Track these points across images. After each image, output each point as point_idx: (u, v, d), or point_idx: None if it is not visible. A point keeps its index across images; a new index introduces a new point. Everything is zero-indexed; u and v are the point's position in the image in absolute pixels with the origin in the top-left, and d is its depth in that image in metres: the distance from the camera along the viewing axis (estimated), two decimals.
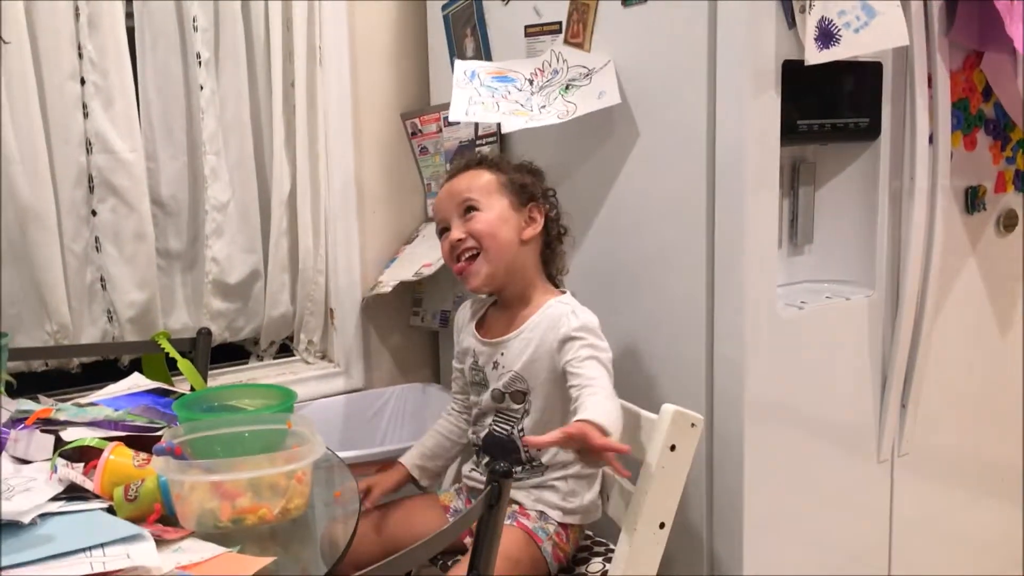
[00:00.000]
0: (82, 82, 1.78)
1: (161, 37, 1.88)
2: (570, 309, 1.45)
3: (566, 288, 1.57)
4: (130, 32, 1.82)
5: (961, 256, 1.80)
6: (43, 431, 1.28)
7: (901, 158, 1.65)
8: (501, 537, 1.11)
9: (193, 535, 1.08)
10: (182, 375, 1.69)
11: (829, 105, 1.58)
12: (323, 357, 2.16)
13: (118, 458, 1.18)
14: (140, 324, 1.88)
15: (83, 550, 0.97)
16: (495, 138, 1.91)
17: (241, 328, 2.06)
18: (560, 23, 1.72)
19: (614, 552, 1.37)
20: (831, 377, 1.63)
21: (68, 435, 1.27)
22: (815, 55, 1.46)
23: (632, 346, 1.66)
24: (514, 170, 1.55)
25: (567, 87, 1.67)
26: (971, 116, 1.74)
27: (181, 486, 1.09)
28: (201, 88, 1.89)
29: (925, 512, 1.82)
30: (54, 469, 1.18)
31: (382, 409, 2.14)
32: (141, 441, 1.27)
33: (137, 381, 1.61)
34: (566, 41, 1.71)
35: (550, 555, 1.44)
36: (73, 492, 1.13)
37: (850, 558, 1.73)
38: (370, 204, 2.14)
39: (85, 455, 1.22)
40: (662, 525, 1.33)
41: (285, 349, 2.16)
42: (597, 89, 1.63)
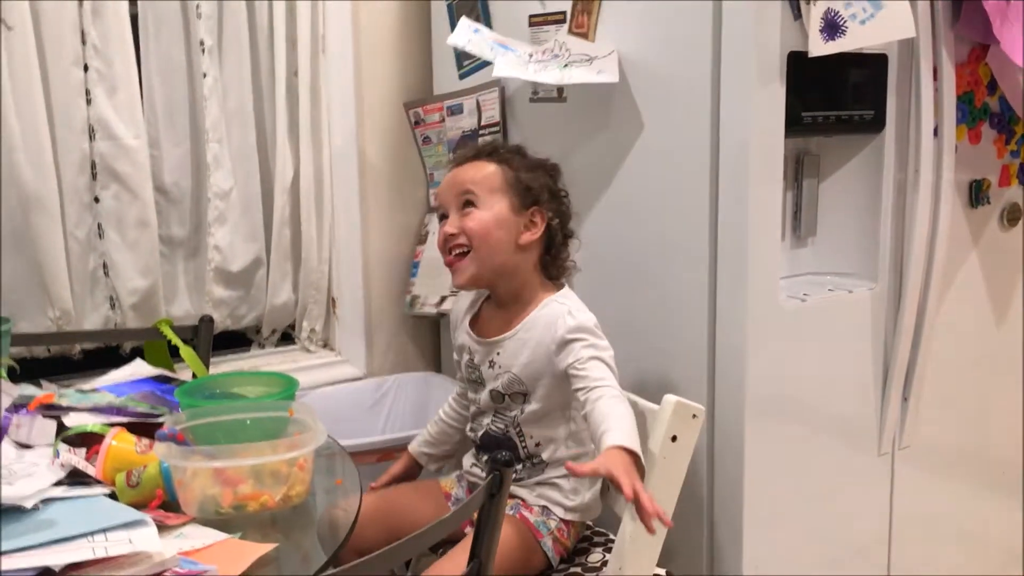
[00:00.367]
0: (85, 68, 1.77)
1: (164, 24, 1.87)
2: (567, 309, 1.41)
3: (565, 283, 1.52)
4: (133, 19, 1.81)
5: (964, 250, 1.80)
6: (45, 416, 1.28)
7: (905, 151, 1.65)
8: (502, 526, 1.11)
9: (195, 521, 1.09)
10: (184, 362, 1.69)
11: (834, 97, 1.58)
12: (325, 346, 2.16)
13: (120, 444, 1.18)
14: (142, 311, 1.88)
15: (85, 535, 0.97)
16: (498, 128, 1.91)
17: (243, 316, 2.06)
18: (564, 13, 1.71)
19: (614, 543, 1.38)
20: (833, 370, 1.63)
21: (70, 421, 1.27)
22: (820, 47, 1.45)
23: (634, 337, 1.66)
24: (526, 168, 1.47)
25: (566, 66, 1.66)
26: (976, 109, 1.74)
27: (183, 472, 1.10)
28: (204, 76, 1.89)
29: (925, 506, 1.82)
30: (56, 455, 1.18)
31: (384, 398, 2.14)
32: (143, 427, 1.27)
33: (139, 368, 1.61)
34: (570, 31, 1.71)
35: (551, 549, 1.44)
36: (75, 478, 1.13)
37: (850, 550, 1.73)
38: (373, 193, 2.14)
39: (87, 441, 1.22)
40: None
41: (287, 337, 2.16)
42: (597, 68, 1.62)
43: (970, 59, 1.70)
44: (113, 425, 1.25)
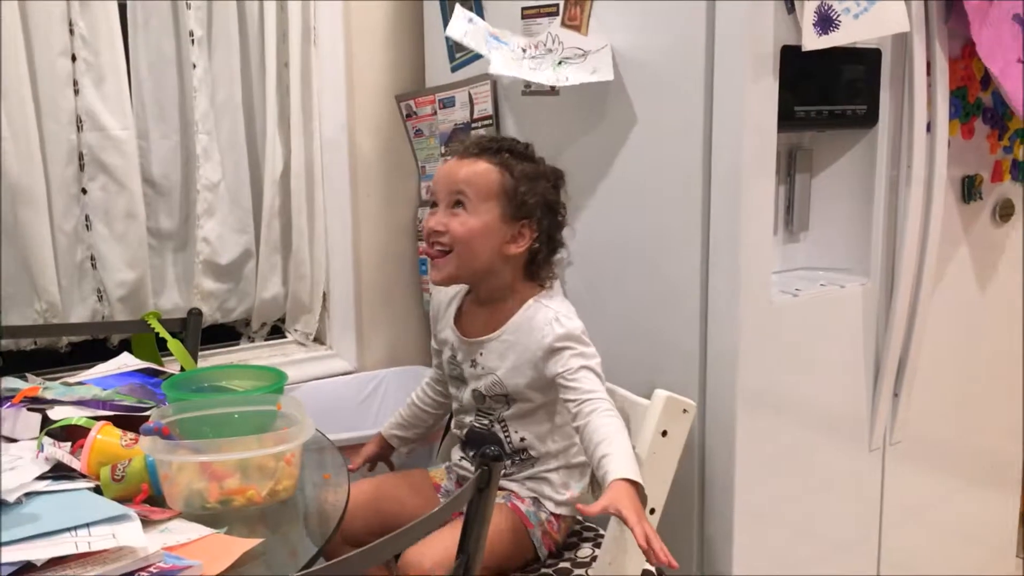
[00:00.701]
0: (73, 59, 1.75)
1: (153, 14, 1.85)
2: (553, 315, 1.40)
3: (548, 282, 1.48)
4: (122, 9, 1.80)
5: (957, 245, 1.80)
6: (30, 410, 1.27)
7: (898, 146, 1.65)
8: (491, 521, 1.10)
9: (180, 516, 1.08)
10: (172, 356, 1.68)
11: (827, 92, 1.57)
12: (315, 339, 2.15)
13: (105, 438, 1.17)
14: (130, 304, 1.86)
15: (68, 529, 0.96)
16: (491, 121, 1.90)
17: (232, 309, 2.05)
18: (557, 5, 1.70)
19: (603, 538, 1.37)
20: (824, 365, 1.63)
21: (55, 414, 1.26)
22: (813, 41, 1.45)
23: (625, 331, 1.65)
24: (527, 177, 1.41)
25: (560, 62, 1.65)
26: (969, 105, 1.74)
27: (169, 466, 1.09)
28: (194, 67, 1.87)
29: (916, 501, 1.82)
30: (41, 448, 1.17)
31: (374, 392, 2.13)
32: (129, 421, 1.26)
33: (126, 361, 1.60)
34: (563, 23, 1.70)
35: (539, 540, 1.44)
36: (60, 471, 1.13)
37: (840, 546, 1.73)
38: (364, 186, 2.12)
39: (72, 434, 1.21)
40: (652, 511, 1.32)
41: (277, 331, 2.15)
42: (591, 66, 1.61)
43: (963, 54, 1.70)
44: (99, 419, 1.24)
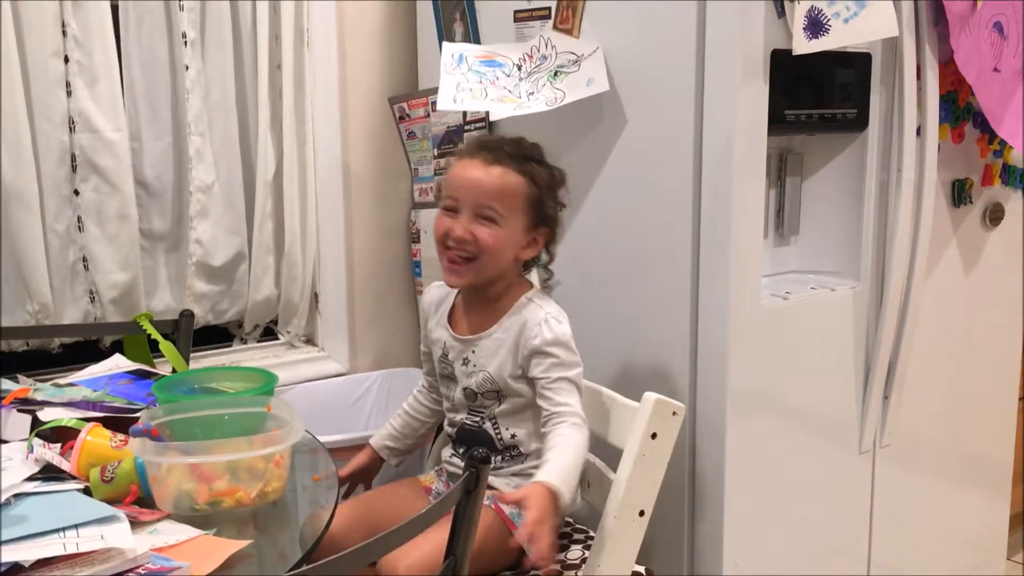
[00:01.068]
0: (66, 60, 1.75)
1: (146, 16, 1.86)
2: (544, 315, 1.41)
3: (545, 282, 1.52)
4: (115, 10, 1.80)
5: (946, 249, 1.80)
6: (20, 411, 1.27)
7: (889, 150, 1.65)
8: (479, 523, 1.10)
9: (169, 517, 1.08)
10: (164, 357, 1.68)
11: (817, 95, 1.57)
12: (307, 341, 2.15)
13: (95, 439, 1.17)
14: (122, 305, 1.86)
15: (57, 531, 0.96)
16: (484, 124, 1.90)
17: (225, 311, 2.05)
18: (549, 8, 1.71)
19: (593, 539, 1.37)
20: (814, 368, 1.64)
21: (45, 415, 1.26)
22: (804, 45, 1.45)
23: (616, 333, 1.66)
24: (548, 187, 1.44)
25: (555, 73, 1.66)
26: (959, 109, 1.74)
27: (158, 468, 1.09)
28: (187, 68, 1.87)
29: (906, 503, 1.83)
30: (31, 449, 1.17)
31: (366, 394, 2.13)
32: (119, 422, 1.26)
33: (118, 362, 1.60)
34: (555, 27, 1.70)
35: (527, 543, 1.43)
36: (49, 473, 1.13)
37: (830, 548, 1.73)
38: (356, 188, 2.13)
39: (62, 436, 1.21)
40: (642, 513, 1.33)
41: (269, 332, 2.15)
42: (586, 76, 1.62)
43: (953, 58, 1.70)
44: (89, 420, 1.24)
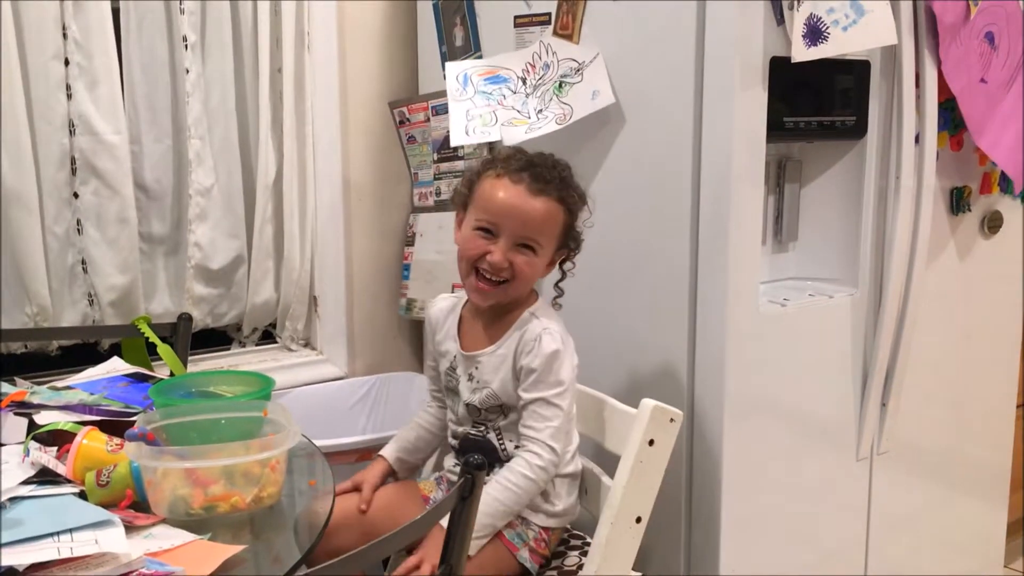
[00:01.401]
0: (66, 63, 1.75)
1: (147, 19, 1.86)
2: (542, 328, 1.40)
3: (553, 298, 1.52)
4: (115, 13, 1.80)
5: (945, 257, 1.81)
6: (16, 414, 1.27)
7: (887, 157, 1.65)
8: (473, 529, 1.10)
9: (165, 522, 1.08)
10: (162, 360, 1.68)
11: (816, 103, 1.58)
12: (306, 345, 2.15)
13: (91, 443, 1.17)
14: (121, 308, 1.86)
15: (51, 535, 0.96)
16: None
17: (224, 314, 2.05)
18: (549, 14, 1.71)
19: (590, 546, 1.37)
20: (812, 375, 1.64)
21: (41, 418, 1.26)
22: (803, 52, 1.45)
23: (614, 340, 1.66)
24: (578, 213, 1.46)
25: (560, 85, 1.66)
26: (958, 117, 1.74)
27: (153, 472, 1.09)
28: (187, 71, 1.88)
29: (903, 510, 1.83)
30: (26, 452, 1.17)
31: (364, 398, 2.13)
32: (115, 426, 1.26)
33: (116, 365, 1.60)
34: (555, 33, 1.70)
35: (528, 560, 1.43)
36: (45, 476, 1.12)
37: (828, 555, 1.73)
38: (356, 192, 2.13)
39: (58, 439, 1.21)
40: (639, 519, 1.33)
41: (268, 336, 2.15)
42: (590, 88, 1.62)
43: None
44: (85, 423, 1.24)
